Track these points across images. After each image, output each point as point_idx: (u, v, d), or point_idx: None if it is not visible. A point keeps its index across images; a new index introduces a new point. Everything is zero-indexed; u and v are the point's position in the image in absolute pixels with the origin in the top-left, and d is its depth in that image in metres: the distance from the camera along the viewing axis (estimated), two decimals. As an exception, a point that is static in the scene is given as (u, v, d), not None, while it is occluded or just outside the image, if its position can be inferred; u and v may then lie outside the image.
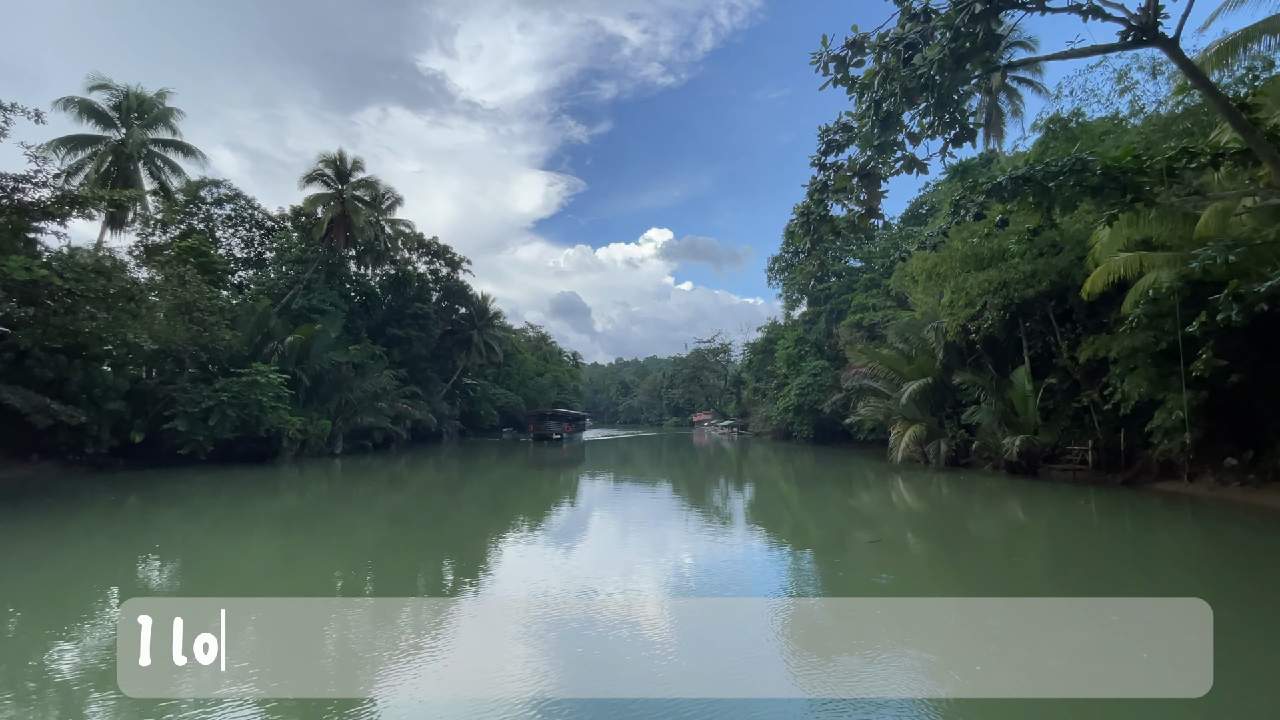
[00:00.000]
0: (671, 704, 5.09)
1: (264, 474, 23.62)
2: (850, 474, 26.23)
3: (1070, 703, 5.07)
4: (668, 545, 11.77)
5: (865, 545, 11.29)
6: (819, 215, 8.68)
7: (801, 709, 5.14)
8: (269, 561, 11.02)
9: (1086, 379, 20.40)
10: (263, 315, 27.63)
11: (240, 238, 39.94)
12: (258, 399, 23.47)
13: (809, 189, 8.68)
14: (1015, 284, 17.65)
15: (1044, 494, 18.95)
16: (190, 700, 5.13)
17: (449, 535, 13.84)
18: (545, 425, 52.98)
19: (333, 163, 32.76)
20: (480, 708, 5.06)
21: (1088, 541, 13.11)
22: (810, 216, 8.75)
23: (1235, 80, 13.26)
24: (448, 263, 49.72)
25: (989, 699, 5.28)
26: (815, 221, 8.69)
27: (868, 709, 5.06)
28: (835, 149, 8.31)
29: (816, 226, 8.68)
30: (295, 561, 11.10)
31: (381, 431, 35.55)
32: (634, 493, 22.18)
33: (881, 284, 40.15)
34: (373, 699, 5.34)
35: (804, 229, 8.79)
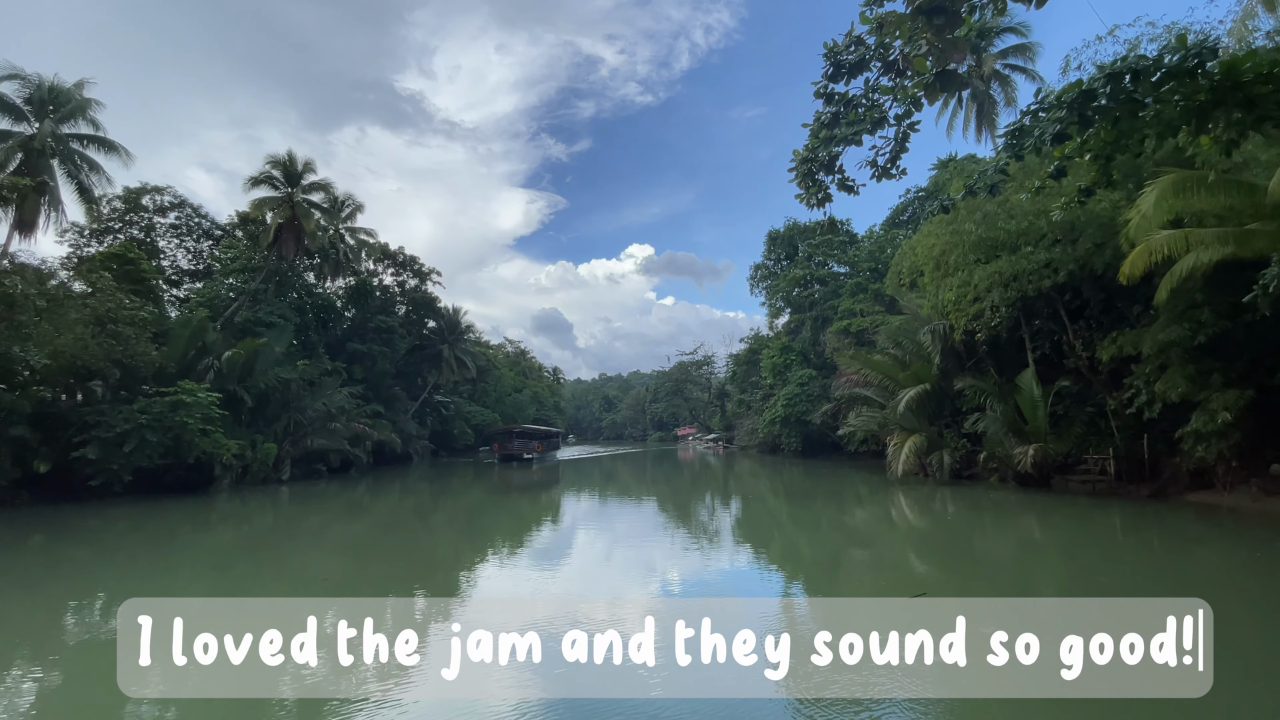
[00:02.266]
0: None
1: (195, 506, 20.91)
2: (848, 491, 24.11)
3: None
4: (658, 610, 9.20)
5: (909, 599, 8.93)
6: (825, 159, 6.61)
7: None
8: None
9: (1104, 381, 18.60)
10: (197, 329, 24.95)
11: (187, 248, 37.25)
12: (183, 421, 20.76)
13: (812, 127, 6.61)
14: (1029, 275, 15.77)
15: (1064, 509, 16.98)
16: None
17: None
18: (512, 444, 47.54)
19: (281, 164, 30.21)
20: None
21: (1135, 562, 11.09)
22: (814, 164, 6.68)
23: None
24: (415, 274, 47.23)
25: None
26: (822, 167, 6.62)
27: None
28: (847, 73, 6.28)
29: (823, 174, 6.62)
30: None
31: (338, 455, 32.76)
32: (612, 528, 19.74)
33: (870, 288, 38.52)
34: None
35: (807, 181, 6.70)
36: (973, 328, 17.70)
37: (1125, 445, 18.54)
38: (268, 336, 28.13)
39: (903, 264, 22.22)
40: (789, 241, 49.32)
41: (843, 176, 6.82)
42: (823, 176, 6.74)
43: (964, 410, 25.32)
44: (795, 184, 6.89)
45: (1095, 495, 18.83)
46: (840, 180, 6.79)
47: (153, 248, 34.70)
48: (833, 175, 6.79)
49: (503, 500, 24.76)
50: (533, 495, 26.15)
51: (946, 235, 16.81)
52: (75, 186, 22.99)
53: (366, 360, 40.14)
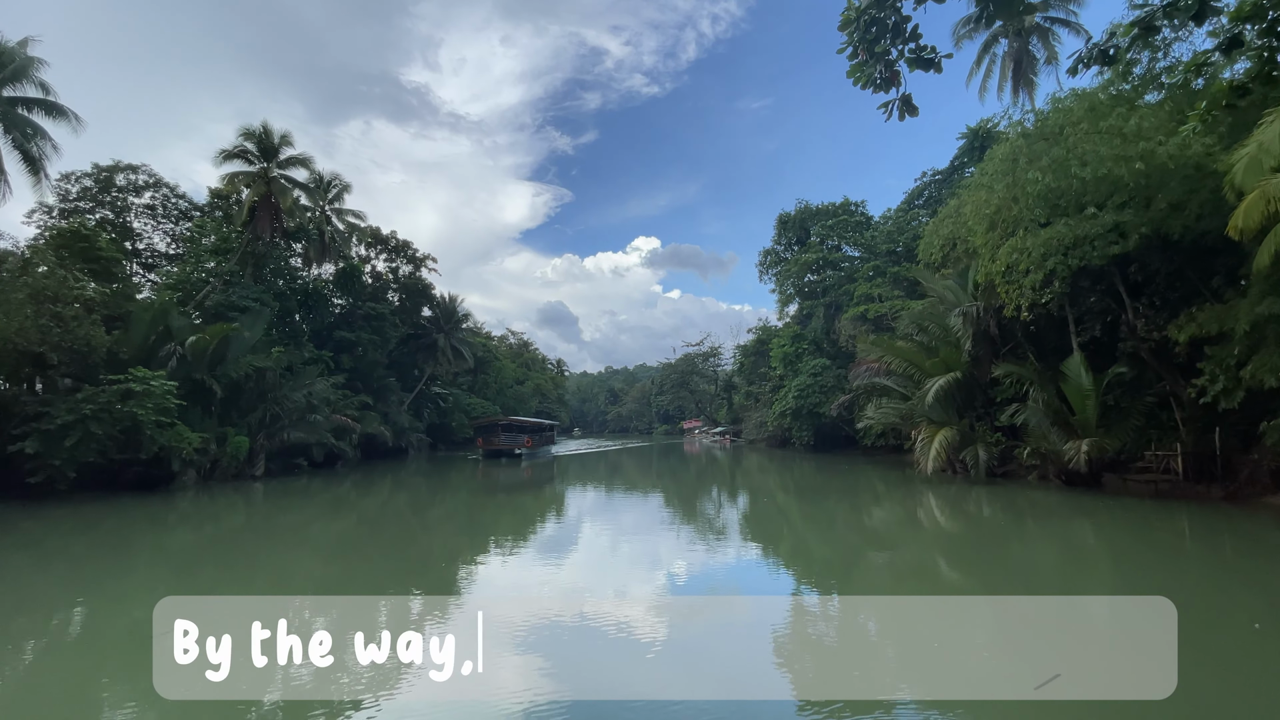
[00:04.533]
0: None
1: (155, 505, 18.98)
2: (874, 491, 21.65)
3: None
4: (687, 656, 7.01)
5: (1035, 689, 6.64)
6: (892, 20, 4.37)
7: None
8: (130, 625, 7.85)
9: (1171, 366, 16.24)
10: (159, 312, 22.95)
11: (166, 230, 35.31)
12: (132, 411, 18.77)
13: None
14: (1093, 241, 13.35)
15: (1136, 514, 14.64)
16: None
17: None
18: (498, 438, 42.50)
19: (255, 136, 27.97)
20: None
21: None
22: (876, 24, 4.43)
23: None
24: (409, 260, 45.12)
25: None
26: (887, 30, 4.38)
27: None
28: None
29: (889, 39, 4.37)
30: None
31: (322, 449, 30.79)
32: (614, 549, 17.60)
33: (889, 271, 36.11)
34: None
35: (866, 46, 4.45)
36: (1028, 302, 15.24)
37: (1193, 440, 16.22)
38: (241, 322, 26.10)
39: (940, 231, 19.60)
40: (800, 224, 46.81)
41: (918, 44, 4.57)
42: (888, 44, 4.51)
43: (997, 401, 23.03)
44: (847, 56, 4.64)
45: (1158, 496, 16.52)
46: (915, 51, 4.54)
47: (125, 229, 32.81)
48: (901, 42, 4.55)
49: (482, 506, 21.81)
50: (516, 502, 22.24)
51: (1003, 187, 14.24)
52: (21, 156, 20.91)
53: (355, 349, 38.12)
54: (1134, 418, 17.65)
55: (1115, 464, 18.33)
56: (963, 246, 19.12)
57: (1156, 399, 17.31)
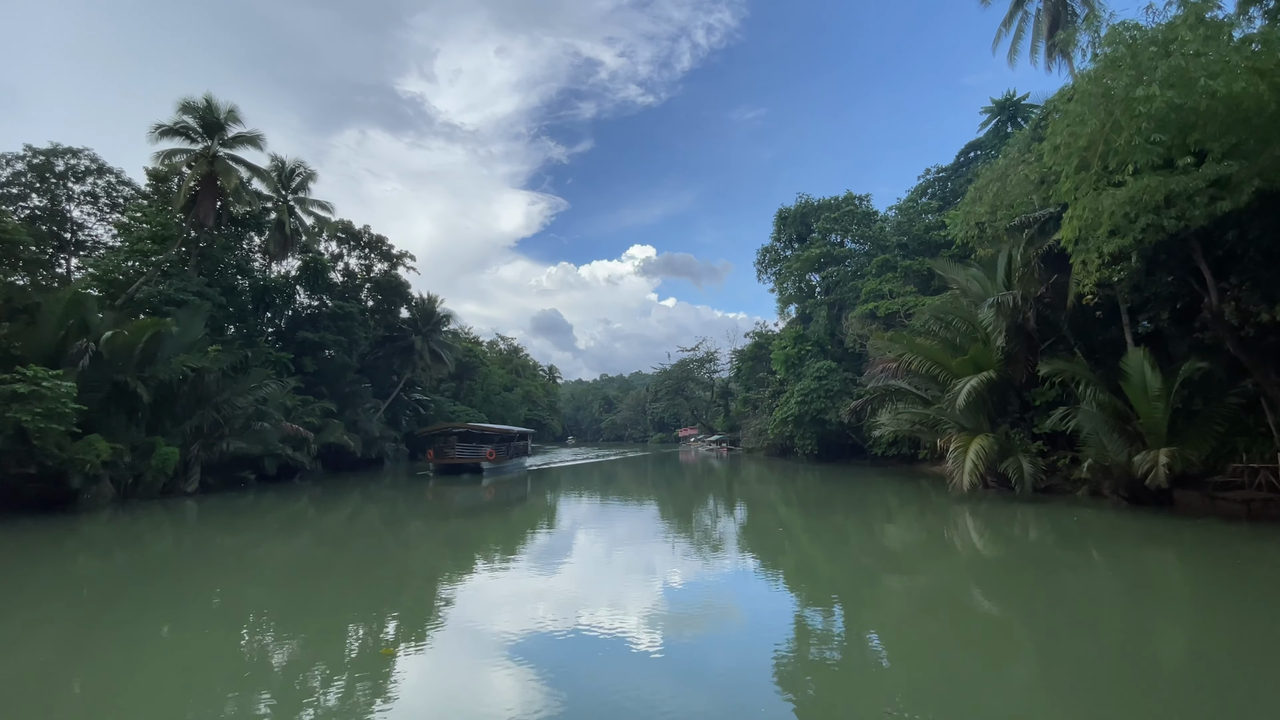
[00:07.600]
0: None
1: (53, 528, 15.99)
2: (906, 513, 18.10)
3: None
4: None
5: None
6: None
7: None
8: None
9: (1263, 360, 13.36)
10: (71, 304, 19.87)
11: (111, 221, 32.20)
12: (17, 417, 15.67)
13: None
14: (1190, 198, 10.37)
15: (1246, 542, 11.68)
16: None
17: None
18: (453, 450, 35.47)
19: (197, 110, 24.94)
20: None
21: None
22: None
23: None
24: (384, 256, 42.11)
25: None
26: None
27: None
28: None
29: None
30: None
31: (275, 460, 27.64)
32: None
33: (900, 265, 33.30)
34: None
35: None
36: (1094, 281, 12.25)
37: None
38: (175, 317, 23.02)
39: (984, 196, 16.07)
40: (801, 220, 44.06)
41: None
42: None
43: (1034, 404, 20.13)
44: None
45: (1252, 518, 13.58)
46: None
47: (61, 218, 29.75)
48: None
49: (410, 543, 14.73)
50: (462, 536, 15.29)
51: (1103, 110, 10.85)
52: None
53: (320, 351, 35.02)
54: (1214, 423, 14.76)
55: (1185, 478, 15.41)
56: (1004, 220, 16.09)
57: (1243, 400, 14.43)
